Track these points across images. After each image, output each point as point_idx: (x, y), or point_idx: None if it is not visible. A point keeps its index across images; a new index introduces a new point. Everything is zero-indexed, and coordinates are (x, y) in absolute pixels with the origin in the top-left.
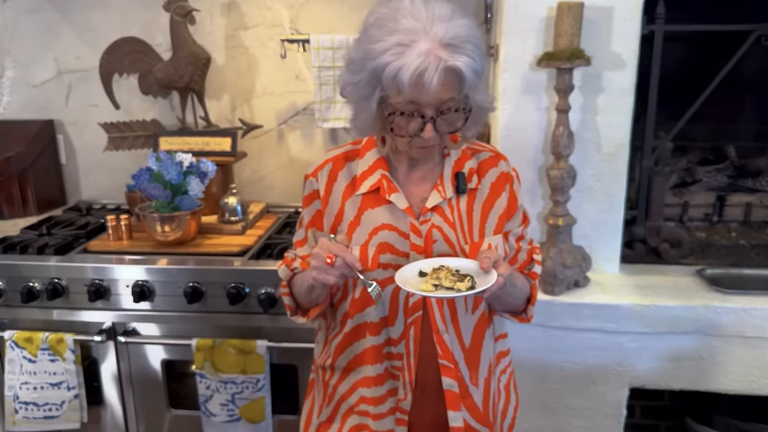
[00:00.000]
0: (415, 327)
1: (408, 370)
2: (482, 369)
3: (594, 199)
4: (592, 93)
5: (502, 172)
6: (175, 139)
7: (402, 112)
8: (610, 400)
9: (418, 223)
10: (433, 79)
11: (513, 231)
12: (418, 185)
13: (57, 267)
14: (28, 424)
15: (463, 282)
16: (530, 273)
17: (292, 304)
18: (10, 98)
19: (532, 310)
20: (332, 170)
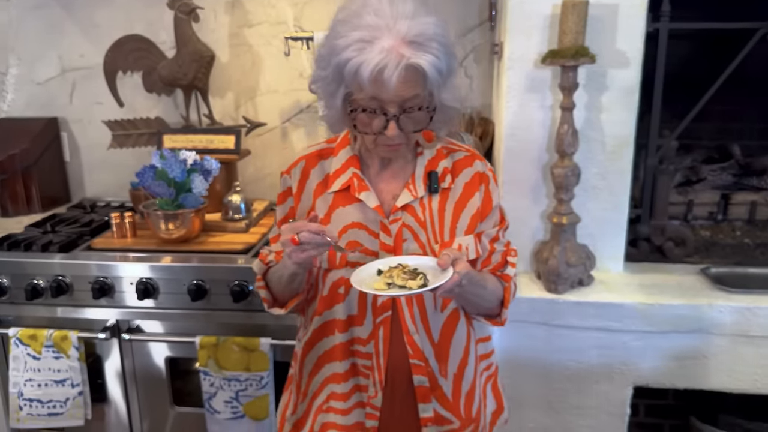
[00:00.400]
0: (384, 327)
1: (378, 369)
2: (452, 363)
3: (598, 198)
4: (597, 91)
5: (477, 172)
6: (179, 136)
7: (364, 108)
8: (614, 398)
9: (387, 222)
10: (393, 76)
11: (486, 232)
12: (389, 183)
13: (61, 264)
14: (32, 421)
15: (415, 280)
16: (503, 275)
17: (268, 297)
18: (15, 96)
19: (506, 313)
20: (305, 168)
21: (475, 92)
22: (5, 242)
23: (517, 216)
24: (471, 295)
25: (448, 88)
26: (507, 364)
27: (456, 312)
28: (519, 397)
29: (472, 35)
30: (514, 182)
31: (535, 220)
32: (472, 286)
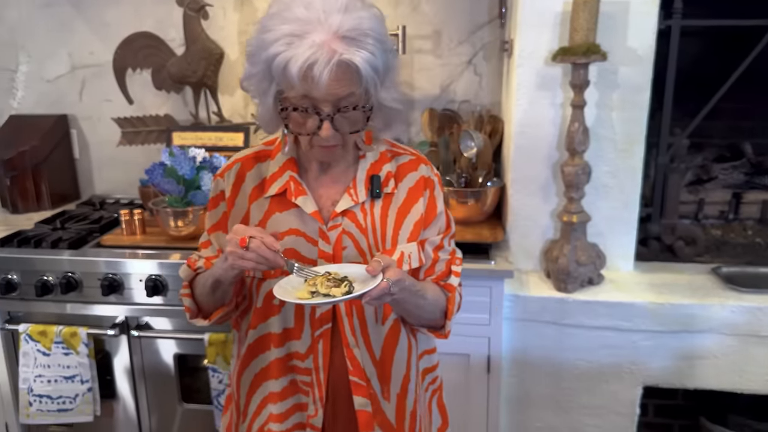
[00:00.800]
0: (324, 340)
1: (318, 386)
2: (394, 382)
3: (609, 196)
4: (608, 89)
5: (422, 176)
6: (188, 134)
7: (296, 107)
8: (624, 398)
9: (326, 229)
10: (323, 73)
11: (430, 239)
12: (329, 188)
13: (71, 261)
14: (42, 417)
15: (339, 287)
16: (446, 285)
17: (192, 306)
18: (25, 93)
19: (449, 325)
20: (240, 171)
21: (485, 90)
22: (15, 239)
23: (526, 214)
24: (409, 306)
25: (387, 87)
26: (515, 363)
27: (397, 324)
28: (526, 396)
29: (481, 32)
30: (523, 180)
31: (545, 218)
32: (410, 295)
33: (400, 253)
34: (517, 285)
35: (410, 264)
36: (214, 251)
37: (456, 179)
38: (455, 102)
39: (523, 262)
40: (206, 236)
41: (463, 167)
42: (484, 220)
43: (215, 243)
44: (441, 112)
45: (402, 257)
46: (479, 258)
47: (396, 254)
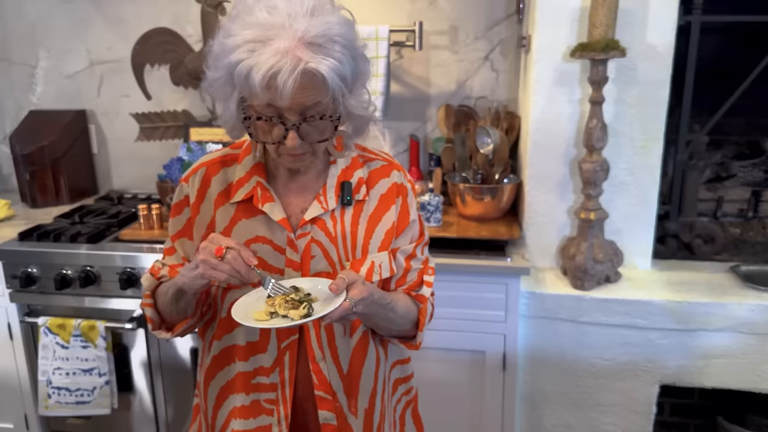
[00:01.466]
0: (291, 352)
1: (283, 403)
2: (362, 397)
3: (626, 194)
4: (627, 85)
5: (394, 183)
6: (205, 129)
7: (259, 116)
8: (640, 396)
9: (294, 237)
10: (287, 82)
11: (402, 248)
12: (299, 195)
13: (89, 255)
14: (60, 409)
15: (297, 309)
16: (418, 296)
17: (155, 317)
18: (44, 89)
19: (420, 336)
20: (205, 175)
21: (502, 86)
22: (35, 233)
23: (543, 211)
24: (378, 319)
25: (356, 94)
26: (530, 360)
27: (366, 336)
28: (541, 394)
29: (499, 28)
30: (540, 177)
31: (562, 215)
32: (378, 308)
33: (371, 263)
34: (534, 282)
35: (381, 274)
36: (178, 259)
37: (472, 176)
38: (471, 98)
39: (540, 260)
40: (170, 243)
41: (479, 164)
42: (501, 217)
43: (180, 251)
44: (457, 109)
45: (372, 267)
46: (495, 255)
47: (366, 264)
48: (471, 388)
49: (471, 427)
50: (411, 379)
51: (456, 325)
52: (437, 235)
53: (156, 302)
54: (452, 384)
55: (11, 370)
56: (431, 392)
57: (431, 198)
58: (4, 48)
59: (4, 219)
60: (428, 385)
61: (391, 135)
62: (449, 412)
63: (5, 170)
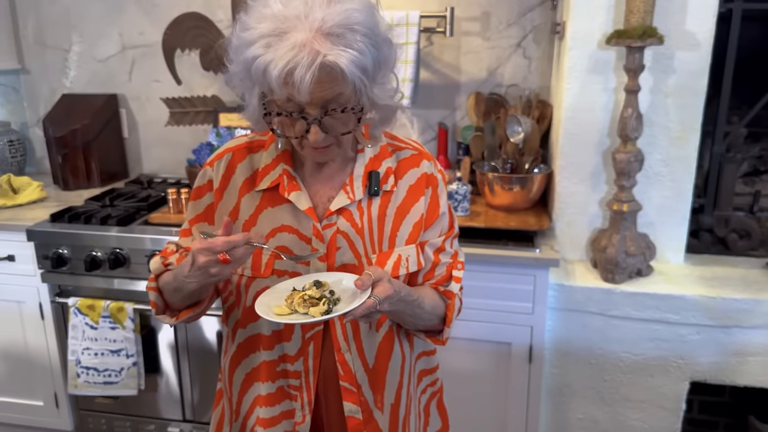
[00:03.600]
0: (315, 342)
1: (306, 389)
2: (388, 392)
3: (661, 186)
4: (663, 74)
5: (424, 173)
6: (234, 115)
7: (279, 112)
8: (669, 393)
9: (320, 227)
10: (305, 77)
11: (431, 241)
12: (325, 184)
13: (119, 237)
14: (88, 388)
15: (317, 306)
16: (446, 292)
17: (159, 302)
18: (77, 72)
19: (448, 332)
20: (231, 161)
21: (534, 74)
22: (66, 214)
23: (574, 202)
24: (405, 315)
25: (380, 84)
26: (558, 353)
27: (391, 332)
28: (568, 387)
29: (532, 14)
30: (572, 167)
31: (594, 206)
32: (405, 306)
33: (398, 256)
34: (563, 274)
35: (408, 268)
36: None
37: (501, 165)
38: (502, 86)
39: (569, 251)
40: (187, 225)
41: (509, 153)
42: (530, 208)
43: (196, 235)
44: (487, 96)
45: (399, 261)
46: (524, 246)
47: (393, 257)
48: (496, 379)
49: (495, 419)
50: (436, 370)
51: (482, 316)
52: (464, 224)
53: (161, 288)
54: (477, 375)
55: (42, 348)
56: (456, 383)
57: (459, 187)
58: (39, 32)
59: (37, 201)
60: (453, 376)
61: (419, 123)
62: (474, 404)
63: (39, 153)
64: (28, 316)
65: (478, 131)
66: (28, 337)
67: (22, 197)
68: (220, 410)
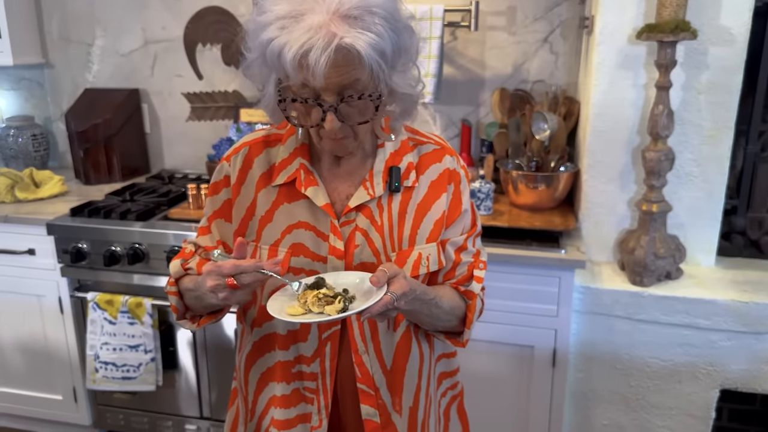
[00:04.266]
0: (332, 343)
1: (324, 392)
2: (406, 395)
3: (692, 186)
4: (696, 70)
5: (447, 169)
6: (255, 111)
7: (294, 98)
8: (698, 400)
9: (338, 224)
10: (320, 60)
11: (452, 240)
12: (344, 180)
13: (138, 232)
14: (106, 383)
15: (332, 305)
16: (467, 292)
17: (180, 306)
18: (100, 67)
19: (468, 333)
20: (248, 155)
21: (561, 70)
22: (86, 209)
23: (601, 202)
24: (421, 315)
25: (400, 71)
26: (582, 357)
27: (409, 331)
28: (592, 392)
29: (559, 9)
30: (600, 166)
31: (622, 207)
32: (421, 305)
33: (418, 254)
34: (589, 276)
35: (428, 267)
36: (212, 240)
37: (526, 163)
38: (528, 82)
39: (596, 253)
40: (205, 222)
41: (534, 150)
42: (555, 207)
43: (215, 232)
44: (513, 93)
45: (419, 259)
46: (549, 246)
47: (413, 256)
48: (518, 383)
49: (517, 423)
50: (457, 373)
51: (504, 318)
52: (487, 224)
53: (182, 293)
54: (498, 379)
55: (61, 343)
56: (476, 386)
57: (482, 185)
58: (63, 27)
59: (58, 195)
60: (473, 379)
61: (442, 119)
62: (494, 408)
63: (62, 147)
64: (48, 310)
65: (503, 128)
66: (48, 331)
67: (44, 191)
68: (235, 409)
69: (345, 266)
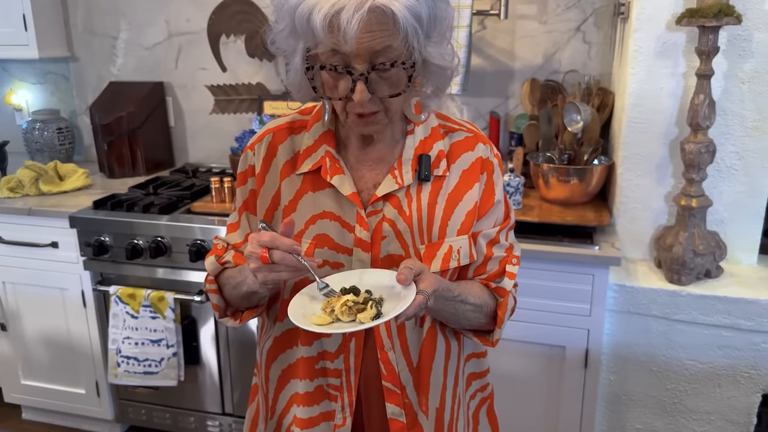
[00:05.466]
0: (357, 339)
1: (348, 389)
2: (433, 394)
3: (733, 180)
4: (739, 57)
5: (479, 157)
6: (278, 103)
7: (323, 66)
8: (739, 405)
9: (365, 214)
10: (352, 21)
11: (484, 232)
12: (372, 168)
13: (161, 225)
14: (128, 378)
15: (365, 312)
16: (498, 288)
17: (221, 304)
18: (124, 60)
19: (498, 333)
20: (272, 142)
21: (594, 60)
22: (109, 202)
23: (637, 196)
24: (444, 312)
25: (435, 42)
26: (616, 358)
27: (434, 327)
28: (626, 395)
29: None
30: (635, 158)
31: (659, 201)
32: (444, 302)
33: (448, 247)
34: (624, 274)
35: (459, 261)
36: (242, 236)
37: (558, 156)
38: (560, 72)
39: (631, 250)
40: (235, 217)
41: (567, 143)
42: (588, 202)
43: (244, 224)
44: (543, 83)
45: (450, 252)
46: (582, 242)
47: (443, 248)
48: (548, 385)
49: (547, 426)
50: (487, 374)
51: (535, 317)
52: (516, 218)
53: (221, 288)
54: (528, 379)
55: (84, 336)
56: (505, 386)
57: (511, 178)
58: (88, 20)
59: (82, 188)
60: (502, 380)
61: (469, 111)
62: (523, 410)
63: (87, 141)
64: (71, 303)
65: (533, 120)
66: (71, 324)
67: (68, 184)
68: (255, 406)
69: (371, 258)
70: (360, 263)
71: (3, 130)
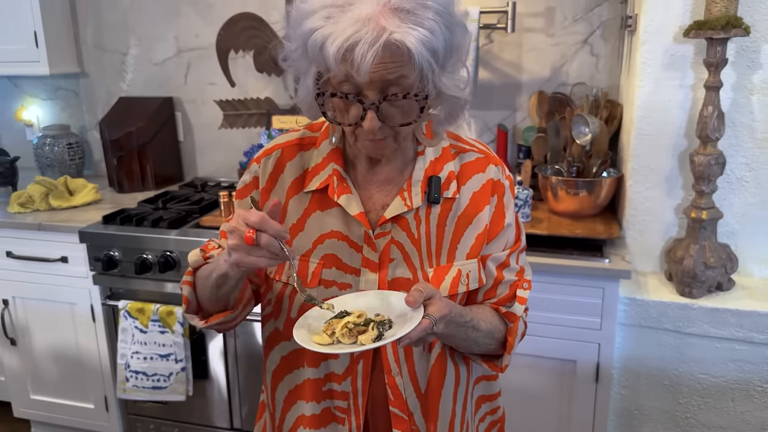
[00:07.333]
0: (365, 362)
1: (356, 413)
2: (441, 422)
3: (744, 192)
4: (748, 69)
5: (490, 179)
6: (287, 117)
7: (333, 93)
8: (753, 420)
9: (372, 235)
10: (366, 55)
11: (494, 255)
12: (380, 188)
13: (170, 240)
14: (137, 393)
15: (365, 334)
16: (507, 314)
17: (191, 298)
18: (133, 75)
19: (507, 359)
20: (280, 159)
21: (602, 72)
22: (118, 216)
23: (647, 209)
24: (456, 339)
25: (448, 72)
26: (627, 372)
27: (444, 353)
28: (639, 410)
29: (599, 9)
30: (645, 171)
31: (669, 214)
32: (456, 327)
33: (457, 271)
34: (634, 287)
35: (468, 285)
36: None
37: (566, 168)
38: (567, 85)
39: (642, 262)
40: None
41: (575, 155)
42: (598, 214)
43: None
44: (551, 96)
45: (459, 276)
46: (591, 255)
47: (452, 272)
48: (559, 400)
49: None
50: (497, 397)
51: (545, 331)
52: (525, 231)
53: (196, 283)
54: (538, 394)
55: (93, 351)
56: (515, 402)
57: (520, 191)
58: (98, 36)
59: (92, 203)
60: (512, 394)
61: (477, 124)
62: (534, 425)
63: (97, 156)
64: (80, 318)
65: (541, 132)
66: (80, 339)
67: (77, 199)
68: (263, 424)
69: (379, 280)
70: (367, 284)
71: (14, 146)
